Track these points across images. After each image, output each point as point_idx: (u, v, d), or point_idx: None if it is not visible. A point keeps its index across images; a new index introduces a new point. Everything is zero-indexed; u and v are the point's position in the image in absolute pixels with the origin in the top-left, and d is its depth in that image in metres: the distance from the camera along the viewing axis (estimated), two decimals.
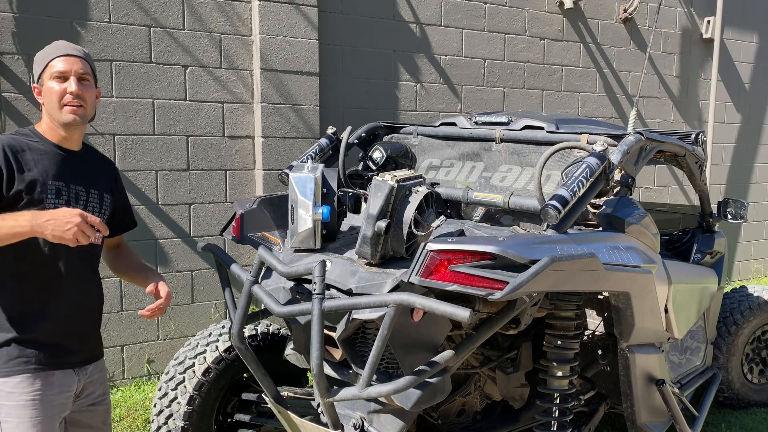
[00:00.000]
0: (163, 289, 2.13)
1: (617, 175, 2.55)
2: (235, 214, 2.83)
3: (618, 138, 2.62)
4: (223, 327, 3.06)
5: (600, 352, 3.05)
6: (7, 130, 3.69)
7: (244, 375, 2.98)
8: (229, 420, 3.02)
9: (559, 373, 2.60)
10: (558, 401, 2.61)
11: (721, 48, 6.50)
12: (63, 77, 1.95)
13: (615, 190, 2.58)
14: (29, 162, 1.92)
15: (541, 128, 2.86)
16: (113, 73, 3.97)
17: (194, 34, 4.19)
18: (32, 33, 3.74)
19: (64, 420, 2.01)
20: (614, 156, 2.46)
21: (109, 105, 3.96)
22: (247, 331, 2.99)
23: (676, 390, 3.09)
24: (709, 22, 6.45)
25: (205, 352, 2.90)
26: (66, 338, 1.98)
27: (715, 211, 3.69)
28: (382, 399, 2.32)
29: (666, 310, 2.81)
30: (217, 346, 2.91)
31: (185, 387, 2.83)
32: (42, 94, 1.98)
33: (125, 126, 4.02)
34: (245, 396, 2.96)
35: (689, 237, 3.62)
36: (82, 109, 1.97)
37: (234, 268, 2.62)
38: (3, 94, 3.68)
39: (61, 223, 1.75)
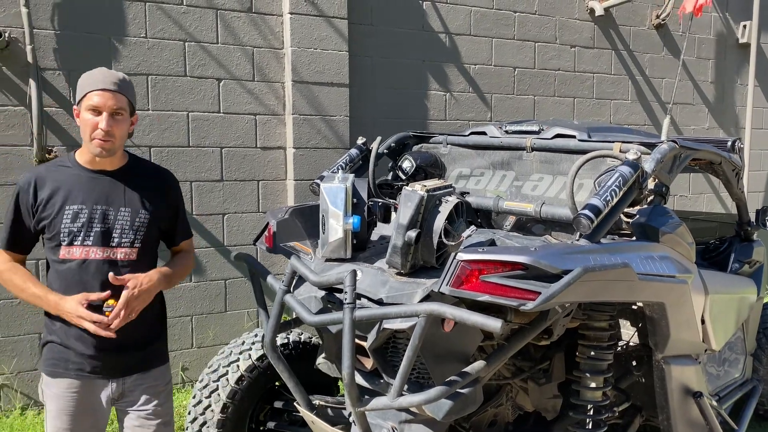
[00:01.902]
0: (121, 299, 2.09)
1: (651, 184, 2.52)
2: (268, 224, 2.87)
3: (651, 146, 2.58)
4: (256, 335, 3.10)
5: (634, 363, 3.00)
6: (48, 143, 3.81)
7: (277, 383, 3.01)
8: (261, 428, 3.05)
9: (593, 385, 2.56)
10: (592, 413, 2.57)
11: (758, 53, 6.37)
12: (97, 111, 2.07)
13: (649, 199, 2.54)
14: (52, 190, 2.11)
15: (573, 137, 2.83)
16: (149, 86, 4.07)
17: (227, 47, 4.27)
18: (72, 49, 3.86)
19: (119, 419, 2.27)
20: (648, 164, 2.42)
21: (145, 118, 4.06)
22: (280, 339, 3.02)
23: (714, 403, 3.01)
24: (745, 26, 6.33)
25: (238, 360, 2.94)
26: (97, 349, 2.12)
27: (753, 219, 3.60)
28: (413, 409, 2.32)
29: (703, 321, 2.75)
30: (250, 355, 2.95)
31: (219, 395, 2.87)
32: (79, 118, 2.12)
33: (161, 138, 4.12)
34: (277, 404, 2.99)
35: (726, 246, 3.54)
36: (109, 143, 2.09)
37: (267, 277, 2.65)
38: (45, 108, 3.80)
39: (69, 316, 2.06)
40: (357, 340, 2.27)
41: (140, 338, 2.21)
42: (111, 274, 2.08)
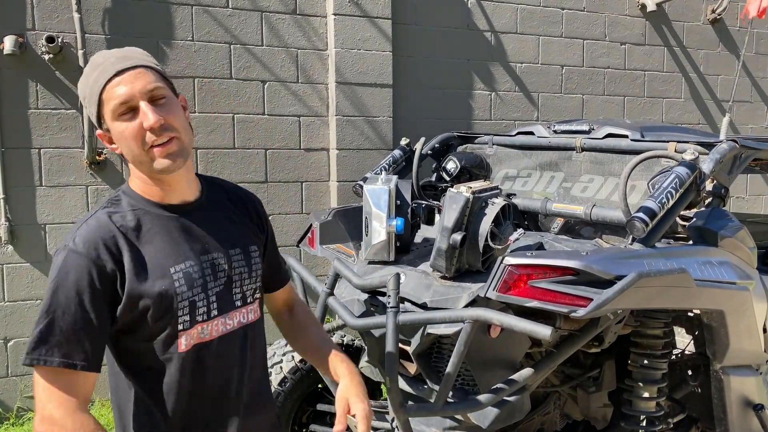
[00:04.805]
0: (357, 407, 1.45)
1: (709, 185, 2.41)
2: (311, 225, 2.86)
3: (709, 146, 2.48)
4: None
5: (690, 372, 2.88)
6: (98, 145, 3.90)
7: (319, 386, 2.99)
8: (304, 430, 3.04)
9: (646, 394, 2.47)
10: (644, 424, 2.48)
11: None
12: (129, 108, 1.28)
13: (706, 201, 2.43)
14: (137, 249, 1.30)
15: (625, 136, 2.74)
16: (196, 89, 4.12)
17: (272, 50, 4.29)
18: None
19: None
20: (705, 165, 2.32)
21: (191, 120, 4.11)
22: None
23: None
24: None
25: (281, 361, 2.94)
26: None
27: None
28: (458, 416, 2.27)
29: (765, 330, 2.62)
30: (293, 356, 2.94)
31: None
32: (114, 141, 1.32)
33: (207, 140, 4.16)
34: (320, 407, 2.98)
35: None
36: (176, 143, 1.31)
37: (309, 279, 2.64)
38: None
39: None
40: (400, 345, 2.23)
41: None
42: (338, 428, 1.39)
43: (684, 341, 2.93)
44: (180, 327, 1.31)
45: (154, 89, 1.29)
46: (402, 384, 2.35)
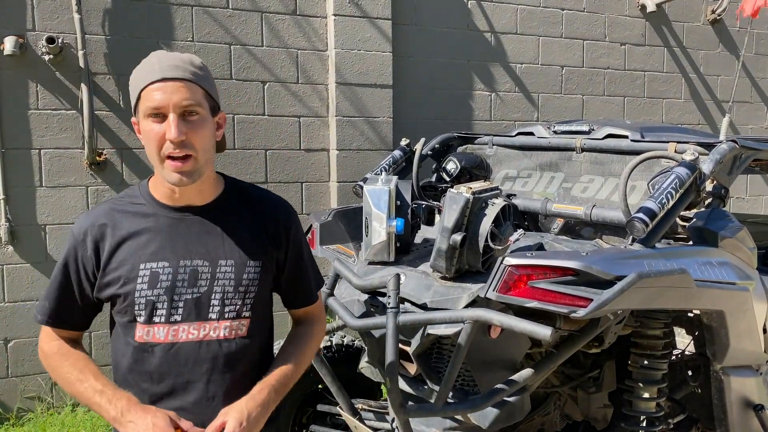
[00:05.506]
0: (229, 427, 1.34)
1: (709, 186, 2.41)
2: (311, 226, 2.87)
3: (709, 146, 2.48)
4: None
5: (690, 373, 2.88)
6: (99, 146, 3.90)
7: (320, 386, 2.99)
8: (304, 431, 3.04)
9: (646, 395, 2.47)
10: (645, 424, 2.48)
11: None
12: (161, 114, 1.37)
13: (706, 202, 2.43)
14: (119, 240, 1.43)
15: (625, 137, 2.74)
16: None
17: (272, 50, 4.30)
18: (122, 53, 3.94)
19: None
20: (705, 165, 2.32)
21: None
22: (323, 342, 3.01)
23: None
24: None
25: None
26: None
27: None
28: (458, 417, 2.27)
29: (765, 330, 2.62)
30: None
31: None
32: (141, 132, 1.43)
33: None
34: (320, 407, 2.98)
35: None
36: (190, 162, 1.38)
37: None
38: (96, 111, 3.88)
39: None
40: (400, 345, 2.23)
41: None
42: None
43: (684, 342, 2.93)
44: (138, 320, 1.43)
45: (187, 106, 1.38)
46: (402, 384, 2.35)
